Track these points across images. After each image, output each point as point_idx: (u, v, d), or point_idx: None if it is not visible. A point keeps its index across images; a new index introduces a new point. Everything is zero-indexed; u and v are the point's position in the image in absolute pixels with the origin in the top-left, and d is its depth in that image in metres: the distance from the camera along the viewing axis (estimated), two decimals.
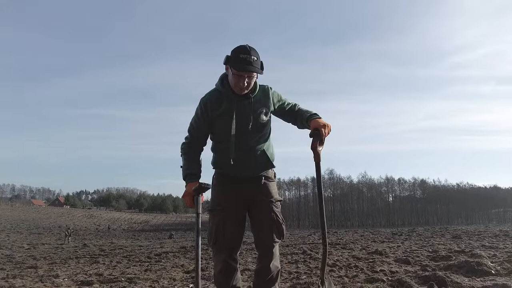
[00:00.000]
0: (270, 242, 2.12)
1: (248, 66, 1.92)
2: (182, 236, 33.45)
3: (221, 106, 2.06)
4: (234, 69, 1.94)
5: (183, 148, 2.22)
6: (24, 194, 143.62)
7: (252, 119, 2.07)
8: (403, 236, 14.88)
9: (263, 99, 2.14)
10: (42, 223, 56.99)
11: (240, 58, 1.92)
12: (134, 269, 6.27)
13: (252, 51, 1.95)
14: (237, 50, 1.95)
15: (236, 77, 1.95)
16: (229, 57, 1.97)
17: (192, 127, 2.20)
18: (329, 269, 4.64)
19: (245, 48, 1.94)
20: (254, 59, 1.93)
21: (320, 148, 1.98)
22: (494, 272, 3.80)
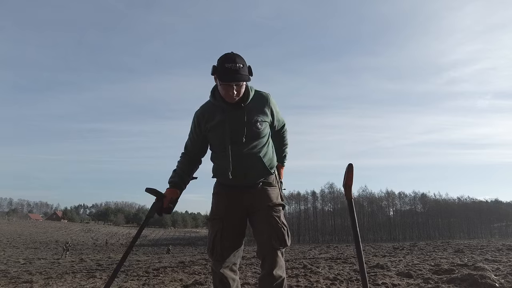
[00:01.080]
0: (269, 249, 2.02)
1: (235, 76, 1.89)
2: (180, 251, 33.01)
3: (214, 118, 2.07)
4: (221, 80, 1.92)
5: (178, 160, 2.27)
6: (21, 208, 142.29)
7: (246, 130, 2.04)
8: (405, 250, 14.68)
9: (258, 107, 2.10)
10: (39, 237, 56.27)
11: (225, 68, 1.89)
12: (132, 283, 6.15)
13: (238, 58, 1.92)
14: (222, 59, 1.93)
15: (224, 87, 1.94)
16: (215, 67, 1.95)
17: (188, 140, 2.24)
18: (330, 282, 4.56)
19: (230, 57, 1.92)
20: (240, 67, 1.90)
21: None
22: (498, 285, 3.73)
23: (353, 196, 1.65)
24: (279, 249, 2.03)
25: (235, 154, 2.05)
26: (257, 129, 2.07)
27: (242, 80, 1.92)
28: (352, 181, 1.65)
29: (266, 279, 2.05)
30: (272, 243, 2.00)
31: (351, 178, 1.65)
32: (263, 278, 2.07)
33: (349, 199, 1.65)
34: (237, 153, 2.06)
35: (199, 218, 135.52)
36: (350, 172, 1.64)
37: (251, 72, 1.98)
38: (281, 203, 2.16)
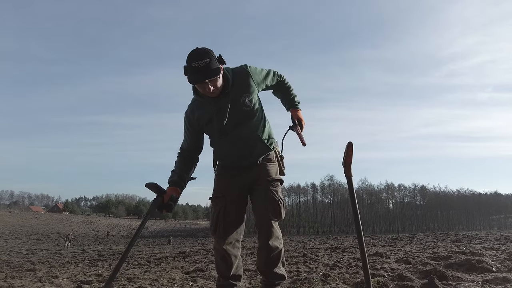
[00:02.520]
0: (265, 220, 2.08)
1: (204, 74, 1.85)
2: (181, 242, 33.31)
3: (204, 113, 2.09)
4: (190, 82, 1.92)
5: (175, 160, 2.27)
6: (22, 200, 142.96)
7: (237, 113, 2.07)
8: (404, 241, 14.81)
9: (242, 86, 2.08)
10: (41, 229, 56.66)
11: (193, 67, 1.85)
12: (134, 271, 6.23)
13: (204, 53, 1.86)
14: (188, 58, 1.88)
15: (199, 86, 1.93)
16: (185, 68, 1.91)
17: (184, 140, 2.27)
18: (330, 268, 4.63)
19: (196, 55, 1.86)
20: (207, 62, 1.84)
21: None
22: (495, 269, 3.78)
23: (352, 174, 1.67)
24: (274, 220, 2.11)
25: (235, 137, 2.10)
26: (247, 107, 2.09)
27: (211, 76, 1.87)
28: (351, 158, 1.68)
29: (263, 250, 2.11)
30: (268, 214, 2.08)
31: (350, 156, 1.68)
32: (261, 249, 2.14)
33: (349, 177, 1.68)
34: (236, 136, 2.10)
35: (200, 210, 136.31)
36: (350, 150, 1.67)
37: (222, 60, 1.93)
38: (280, 179, 2.21)
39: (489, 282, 3.04)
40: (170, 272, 5.66)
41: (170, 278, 4.81)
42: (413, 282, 3.04)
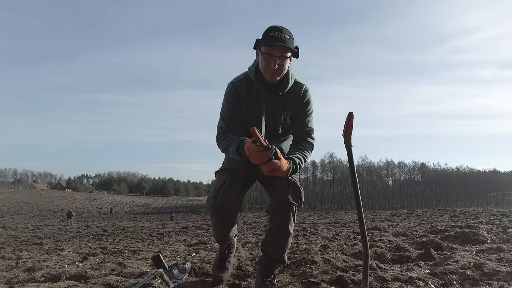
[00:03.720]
0: (285, 203, 1.91)
1: (280, 44, 1.75)
2: (183, 218, 33.88)
3: (250, 100, 1.94)
4: (264, 45, 1.77)
5: (220, 137, 1.93)
6: (26, 178, 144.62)
7: (278, 123, 1.96)
8: (402, 216, 15.09)
9: (292, 101, 1.96)
10: (45, 206, 57.60)
11: (270, 35, 1.77)
12: (137, 244, 6.40)
13: (285, 29, 1.79)
14: (268, 29, 1.81)
15: (266, 58, 1.78)
16: (259, 39, 1.81)
17: (224, 114, 1.98)
18: (328, 240, 4.75)
19: (277, 27, 1.80)
20: (286, 37, 1.76)
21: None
22: (490, 241, 3.88)
23: (352, 144, 1.68)
24: (294, 204, 1.95)
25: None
26: (287, 125, 2.00)
27: (288, 48, 1.76)
28: (352, 129, 1.68)
29: (275, 231, 2.00)
30: (289, 197, 1.91)
31: (351, 126, 1.67)
32: (275, 233, 2.01)
33: (348, 147, 1.68)
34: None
35: (201, 187, 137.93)
36: (350, 120, 1.66)
37: (298, 52, 1.83)
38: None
39: (484, 251, 3.12)
40: (173, 245, 5.82)
41: (173, 250, 4.95)
42: (410, 252, 3.13)
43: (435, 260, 2.91)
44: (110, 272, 3.10)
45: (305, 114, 2.00)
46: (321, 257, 2.97)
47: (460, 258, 2.71)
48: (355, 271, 2.57)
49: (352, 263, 2.88)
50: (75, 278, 2.80)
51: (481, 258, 2.79)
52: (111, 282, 2.52)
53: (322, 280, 2.27)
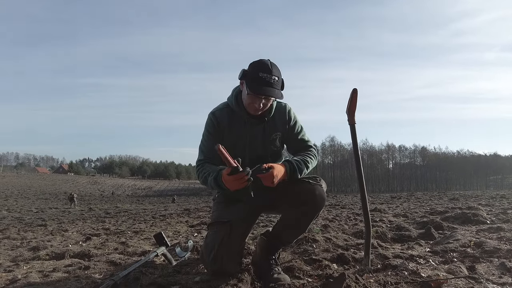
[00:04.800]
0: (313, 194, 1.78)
1: (267, 88, 1.68)
2: (185, 200, 34.26)
3: (232, 127, 1.87)
4: (251, 90, 1.70)
5: (199, 169, 1.85)
6: (28, 162, 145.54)
7: (265, 147, 1.90)
8: (402, 199, 15.18)
9: (278, 123, 1.92)
10: (48, 189, 58.17)
11: (259, 77, 1.68)
12: (140, 225, 6.47)
13: (274, 69, 1.71)
14: (256, 66, 1.71)
15: (251, 97, 1.73)
16: (246, 72, 1.73)
17: (203, 146, 1.90)
18: (329, 221, 4.79)
19: (266, 66, 1.70)
20: (275, 80, 1.69)
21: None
22: (490, 222, 3.90)
23: (355, 121, 1.66)
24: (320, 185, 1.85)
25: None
26: (275, 147, 1.95)
27: (274, 95, 1.71)
28: (355, 106, 1.66)
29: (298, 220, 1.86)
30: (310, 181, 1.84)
31: (355, 103, 1.65)
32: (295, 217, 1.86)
33: (352, 124, 1.67)
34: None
35: None
36: (354, 96, 1.64)
37: (283, 86, 1.78)
38: None
39: (484, 231, 3.14)
40: (175, 225, 5.88)
41: (175, 231, 5.01)
42: (411, 232, 3.15)
43: (435, 239, 2.93)
44: (113, 251, 3.14)
45: (297, 133, 1.96)
46: (322, 236, 3.00)
47: (461, 237, 2.73)
48: (356, 249, 2.59)
49: (353, 241, 2.91)
50: (79, 256, 2.84)
51: (481, 237, 2.81)
52: (114, 260, 2.55)
53: (323, 257, 2.28)
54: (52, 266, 2.45)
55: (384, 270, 1.88)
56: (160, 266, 2.29)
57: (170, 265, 2.23)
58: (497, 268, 1.88)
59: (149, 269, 2.15)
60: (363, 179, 1.67)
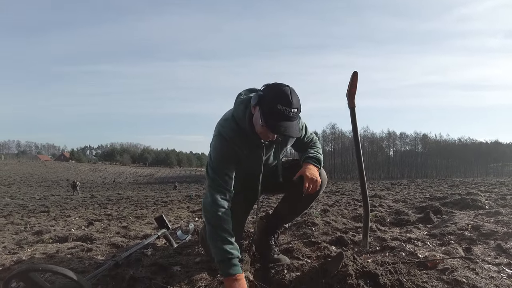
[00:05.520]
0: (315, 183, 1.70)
1: (285, 125, 1.48)
2: (186, 187, 34.44)
3: (249, 155, 1.71)
4: (267, 125, 1.49)
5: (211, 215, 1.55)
6: (29, 150, 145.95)
7: (278, 162, 1.84)
8: (402, 186, 15.26)
9: (290, 138, 1.79)
10: (50, 176, 58.52)
11: (277, 111, 1.47)
12: (142, 211, 6.54)
13: (294, 99, 1.48)
14: (274, 96, 1.49)
15: (265, 130, 1.53)
16: (262, 99, 1.52)
17: (218, 176, 1.63)
18: (329, 206, 4.83)
19: (286, 97, 1.47)
20: (294, 112, 1.49)
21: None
22: (488, 207, 3.93)
23: (355, 104, 1.66)
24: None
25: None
26: (284, 157, 1.95)
27: (292, 135, 1.53)
28: (356, 89, 1.65)
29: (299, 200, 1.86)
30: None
31: (355, 86, 1.64)
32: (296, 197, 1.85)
33: (352, 108, 1.66)
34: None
35: (203, 158, 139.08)
36: (355, 79, 1.63)
37: (300, 110, 1.59)
38: None
39: (482, 215, 3.17)
40: (176, 211, 5.95)
41: (177, 216, 5.07)
42: (409, 216, 3.18)
43: (433, 223, 2.96)
44: (115, 234, 3.18)
45: (304, 137, 1.88)
46: (322, 220, 3.03)
47: (459, 221, 2.75)
48: (355, 232, 2.62)
49: (352, 225, 2.94)
50: (81, 240, 2.89)
51: (479, 220, 2.84)
52: (116, 243, 2.59)
53: (322, 240, 2.32)
54: (55, 249, 2.50)
55: (382, 251, 1.91)
56: (161, 248, 2.33)
57: (171, 247, 2.27)
58: (493, 250, 1.91)
59: (151, 251, 2.18)
60: (362, 160, 1.67)
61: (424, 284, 1.26)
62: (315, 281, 1.34)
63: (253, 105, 1.55)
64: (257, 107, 1.53)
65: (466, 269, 1.44)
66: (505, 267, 1.58)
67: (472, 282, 1.29)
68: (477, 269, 1.45)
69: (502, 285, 1.29)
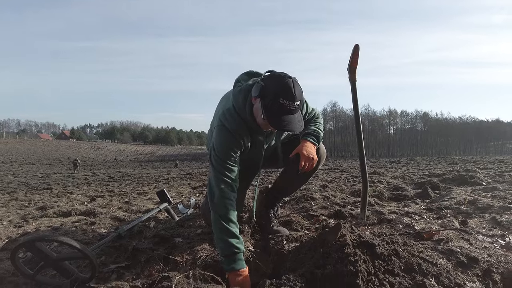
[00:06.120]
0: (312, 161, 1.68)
1: (288, 119, 1.45)
2: (187, 165, 34.68)
3: (252, 145, 1.70)
4: (269, 120, 1.46)
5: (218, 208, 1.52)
6: (30, 128, 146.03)
7: (279, 148, 1.85)
8: (401, 163, 15.38)
9: None
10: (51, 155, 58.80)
11: (279, 105, 1.43)
12: (143, 188, 6.62)
13: (297, 92, 1.45)
14: (277, 90, 1.44)
15: (266, 122, 1.50)
16: (264, 91, 1.47)
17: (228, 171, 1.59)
18: (328, 182, 4.89)
19: (289, 90, 1.43)
20: (296, 106, 1.46)
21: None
22: (485, 183, 3.98)
23: (356, 79, 1.64)
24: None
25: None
26: (285, 140, 1.92)
27: (295, 130, 1.49)
28: (357, 63, 1.62)
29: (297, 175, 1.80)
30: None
31: (356, 60, 1.61)
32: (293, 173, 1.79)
33: (353, 82, 1.65)
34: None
35: (203, 136, 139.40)
36: (356, 53, 1.60)
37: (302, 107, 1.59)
38: None
39: (479, 190, 3.22)
40: (178, 187, 6.02)
41: (178, 192, 5.13)
42: (408, 192, 3.22)
43: (431, 198, 3.01)
44: (117, 209, 3.24)
45: (306, 114, 1.82)
46: (321, 195, 3.07)
47: (456, 196, 2.80)
48: (353, 206, 2.66)
49: (351, 199, 2.98)
50: (84, 214, 2.94)
51: (476, 195, 2.88)
52: (118, 216, 2.64)
53: (321, 213, 2.36)
54: (59, 222, 2.55)
55: (380, 223, 1.95)
56: (163, 220, 2.38)
57: (173, 220, 2.32)
58: (488, 222, 1.95)
59: (153, 223, 2.23)
60: (361, 135, 1.68)
61: (420, 254, 1.29)
62: (313, 251, 1.38)
63: (254, 96, 1.51)
64: (258, 99, 1.50)
65: (461, 240, 1.47)
66: (499, 238, 1.62)
67: (466, 252, 1.32)
68: (471, 240, 1.49)
69: (494, 254, 1.33)
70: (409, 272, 1.21)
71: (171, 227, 2.12)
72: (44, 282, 1.33)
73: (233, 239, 1.43)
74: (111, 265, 1.57)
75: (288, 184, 2.01)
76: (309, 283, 1.19)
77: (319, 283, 1.19)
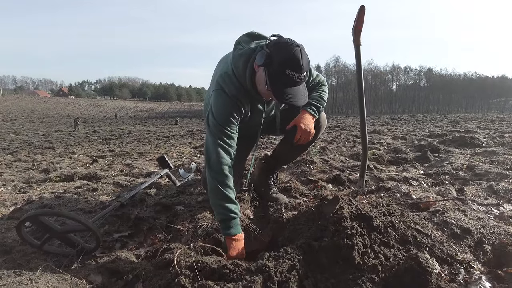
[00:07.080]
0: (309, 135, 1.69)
1: (293, 91, 1.39)
2: (188, 122, 34.68)
3: (252, 112, 1.66)
4: (273, 92, 1.40)
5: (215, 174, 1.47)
6: (26, 85, 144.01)
7: (278, 117, 1.82)
8: (402, 121, 15.33)
9: None
10: (51, 112, 58.58)
11: (285, 76, 1.37)
12: (144, 147, 6.67)
13: (304, 63, 1.37)
14: (284, 60, 1.36)
15: (269, 92, 1.44)
16: (270, 61, 1.38)
17: (228, 139, 1.53)
18: (328, 143, 4.91)
19: (296, 61, 1.36)
20: (303, 77, 1.40)
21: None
22: (485, 145, 3.99)
23: (361, 42, 1.56)
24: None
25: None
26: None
27: (299, 103, 1.43)
28: (362, 25, 1.53)
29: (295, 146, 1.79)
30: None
31: (361, 22, 1.52)
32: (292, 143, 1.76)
33: (357, 45, 1.57)
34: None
35: (203, 93, 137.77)
36: (362, 15, 1.50)
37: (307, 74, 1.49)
38: None
39: (478, 154, 3.23)
40: (179, 147, 6.07)
41: (179, 152, 5.18)
42: (407, 155, 3.24)
43: (430, 162, 3.03)
44: (119, 172, 3.28)
45: (310, 80, 1.74)
46: (320, 158, 3.09)
47: (455, 161, 2.81)
48: (352, 171, 2.69)
49: (350, 163, 3.01)
50: (87, 178, 2.99)
51: (474, 160, 2.89)
52: (120, 182, 2.68)
53: (319, 178, 2.39)
54: (63, 188, 2.60)
55: (378, 191, 1.98)
56: (164, 187, 2.42)
57: (174, 186, 2.35)
58: (484, 190, 1.98)
59: (154, 191, 2.27)
60: (363, 103, 1.64)
61: (415, 225, 1.32)
62: (311, 222, 1.41)
63: (258, 64, 1.43)
64: (262, 68, 1.42)
65: (456, 211, 1.50)
66: (494, 207, 1.65)
67: (460, 224, 1.35)
68: (467, 211, 1.52)
69: (488, 225, 1.36)
70: (404, 244, 1.25)
71: (172, 195, 2.16)
72: (51, 251, 1.38)
73: (230, 204, 1.43)
74: (114, 234, 1.62)
75: (287, 153, 2.03)
76: (306, 254, 1.23)
77: (316, 255, 1.23)
